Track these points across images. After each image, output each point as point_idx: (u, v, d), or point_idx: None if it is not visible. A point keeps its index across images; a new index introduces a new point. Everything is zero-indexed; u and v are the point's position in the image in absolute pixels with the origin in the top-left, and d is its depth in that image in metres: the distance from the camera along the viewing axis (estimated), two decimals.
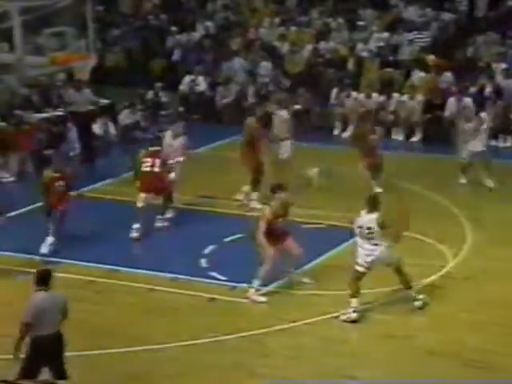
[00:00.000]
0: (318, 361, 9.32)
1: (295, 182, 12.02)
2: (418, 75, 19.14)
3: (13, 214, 13.10)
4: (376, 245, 10.15)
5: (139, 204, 12.82)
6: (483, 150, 14.82)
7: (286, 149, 14.58)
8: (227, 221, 13.42)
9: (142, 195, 12.86)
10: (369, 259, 10.20)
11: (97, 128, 17.99)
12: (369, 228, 10.14)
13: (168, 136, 14.18)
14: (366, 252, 10.21)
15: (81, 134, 17.33)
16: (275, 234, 10.92)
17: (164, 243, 12.68)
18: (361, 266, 10.25)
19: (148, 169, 12.91)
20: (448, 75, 18.77)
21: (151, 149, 13.14)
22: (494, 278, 11.22)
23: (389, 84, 19.20)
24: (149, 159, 12.96)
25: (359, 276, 10.22)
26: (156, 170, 12.91)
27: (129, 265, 11.78)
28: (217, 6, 23.71)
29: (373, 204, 10.27)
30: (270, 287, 10.99)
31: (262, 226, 10.83)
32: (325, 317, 10.18)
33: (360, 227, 10.25)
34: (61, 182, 12.30)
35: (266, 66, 20.22)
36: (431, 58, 19.43)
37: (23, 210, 13.88)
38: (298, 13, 22.61)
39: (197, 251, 12.08)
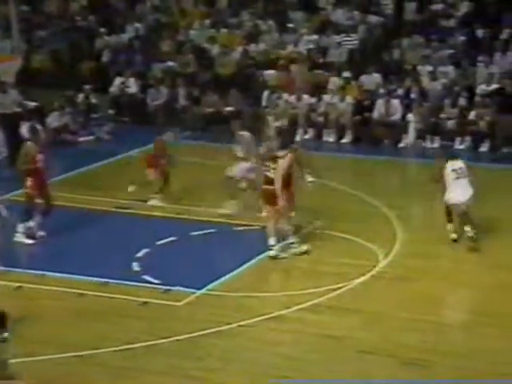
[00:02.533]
0: (253, 362, 9.32)
1: None
2: (269, 72, 19.68)
3: None
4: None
5: None
6: None
7: None
8: (160, 224, 13.33)
9: None
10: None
11: (24, 131, 17.61)
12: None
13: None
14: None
15: (8, 136, 16.95)
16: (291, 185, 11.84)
17: (95, 247, 12.49)
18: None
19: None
20: (376, 76, 19.09)
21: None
22: (424, 276, 11.43)
23: (319, 86, 19.40)
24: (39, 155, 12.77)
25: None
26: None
27: (58, 269, 11.56)
28: (146, 8, 23.54)
29: None
30: (204, 290, 10.96)
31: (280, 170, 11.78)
32: (259, 318, 10.19)
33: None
34: None
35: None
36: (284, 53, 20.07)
37: None
38: (228, 15, 22.63)
39: (129, 255, 11.95)
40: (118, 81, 20.23)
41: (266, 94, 19.14)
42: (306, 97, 18.85)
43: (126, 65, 21.06)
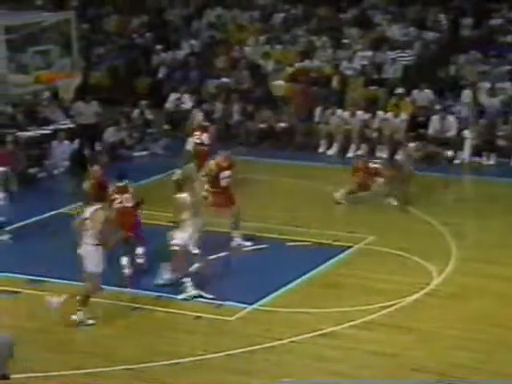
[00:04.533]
0: (305, 378, 9.27)
1: None
2: (277, 83, 19.97)
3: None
4: None
5: None
6: None
7: None
8: (212, 239, 13.38)
9: None
10: None
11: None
12: None
13: None
14: None
15: (85, 145, 17.65)
16: (221, 189, 12.47)
17: (148, 261, 12.59)
18: None
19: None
20: (428, 92, 18.94)
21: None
22: (478, 294, 11.26)
23: (373, 102, 19.34)
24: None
25: None
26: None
27: (112, 283, 11.69)
28: (202, 24, 23.81)
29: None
30: (256, 305, 10.96)
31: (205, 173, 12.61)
32: (311, 334, 10.16)
33: None
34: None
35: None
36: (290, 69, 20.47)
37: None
38: (282, 31, 22.74)
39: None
40: (173, 97, 20.48)
41: (318, 109, 19.15)
42: (359, 113, 18.81)
43: (181, 81, 21.32)
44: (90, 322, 10.52)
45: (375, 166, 15.13)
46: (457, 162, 17.75)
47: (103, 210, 10.58)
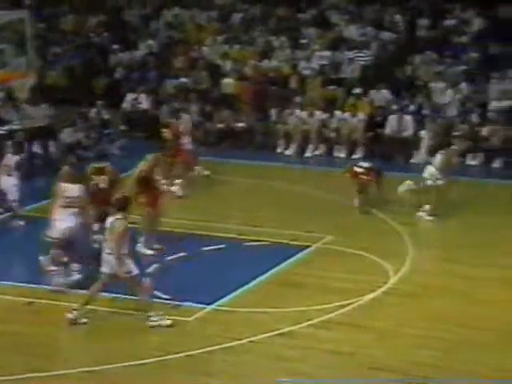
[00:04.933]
0: (263, 378, 9.27)
1: None
2: (227, 81, 20.21)
3: None
4: None
5: None
6: None
7: None
8: (170, 239, 13.32)
9: None
10: None
11: (36, 147, 17.76)
12: None
13: None
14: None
15: (36, 147, 17.31)
16: (153, 189, 12.49)
17: None
18: None
19: None
20: (385, 92, 19.09)
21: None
22: (435, 293, 11.37)
23: (331, 102, 19.44)
24: None
25: None
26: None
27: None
28: (160, 24, 23.69)
29: None
30: (214, 305, 10.93)
31: (135, 174, 12.62)
32: (269, 334, 10.15)
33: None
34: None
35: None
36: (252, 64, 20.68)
37: None
38: (241, 31, 22.74)
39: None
40: (129, 97, 20.34)
41: (275, 109, 19.18)
42: (317, 112, 18.89)
43: (139, 81, 21.17)
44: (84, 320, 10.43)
45: (358, 170, 14.68)
46: (413, 161, 17.93)
47: (123, 221, 10.27)
